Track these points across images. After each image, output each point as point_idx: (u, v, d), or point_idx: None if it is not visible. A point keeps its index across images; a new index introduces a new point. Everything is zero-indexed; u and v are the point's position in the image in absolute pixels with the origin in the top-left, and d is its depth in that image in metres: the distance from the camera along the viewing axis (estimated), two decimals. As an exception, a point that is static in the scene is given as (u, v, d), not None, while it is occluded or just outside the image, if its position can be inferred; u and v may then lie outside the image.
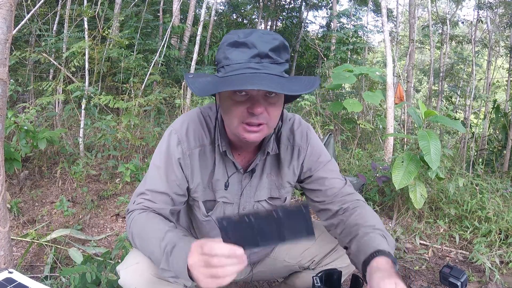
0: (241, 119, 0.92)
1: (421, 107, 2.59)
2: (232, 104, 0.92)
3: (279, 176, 1.15)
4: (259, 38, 0.88)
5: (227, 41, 0.91)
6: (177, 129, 1.06)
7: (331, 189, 1.12)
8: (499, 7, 7.65)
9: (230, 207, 1.14)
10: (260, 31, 0.91)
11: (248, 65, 0.88)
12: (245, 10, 12.27)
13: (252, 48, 0.88)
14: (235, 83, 0.84)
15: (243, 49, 0.88)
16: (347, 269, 1.24)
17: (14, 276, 1.05)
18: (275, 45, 0.89)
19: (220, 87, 0.85)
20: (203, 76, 0.95)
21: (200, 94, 0.88)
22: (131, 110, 3.71)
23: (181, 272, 0.83)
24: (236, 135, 0.98)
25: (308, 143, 1.15)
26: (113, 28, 5.73)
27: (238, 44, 0.89)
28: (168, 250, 0.87)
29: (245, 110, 0.91)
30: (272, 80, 0.85)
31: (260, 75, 0.86)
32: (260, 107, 0.89)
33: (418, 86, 14.95)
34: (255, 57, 0.88)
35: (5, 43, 1.34)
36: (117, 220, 2.49)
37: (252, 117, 0.91)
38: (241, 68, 0.88)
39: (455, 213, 2.54)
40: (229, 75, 0.88)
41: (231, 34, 0.92)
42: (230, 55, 0.89)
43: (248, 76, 0.86)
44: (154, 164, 1.08)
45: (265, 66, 0.88)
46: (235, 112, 0.92)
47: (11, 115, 2.58)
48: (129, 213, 1.04)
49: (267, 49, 0.88)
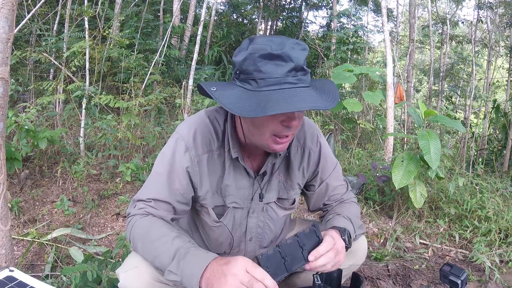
0: (275, 132, 0.92)
1: (421, 107, 2.59)
2: (267, 118, 0.90)
3: (288, 178, 1.15)
4: (293, 50, 0.85)
5: (259, 52, 0.85)
6: (184, 136, 1.03)
7: (335, 195, 1.22)
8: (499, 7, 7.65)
9: (240, 211, 1.13)
10: (290, 40, 0.88)
11: (286, 80, 0.85)
12: (245, 10, 12.27)
13: (289, 61, 0.85)
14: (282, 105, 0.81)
15: (279, 62, 0.85)
16: (349, 270, 1.24)
17: (15, 275, 1.06)
18: (306, 56, 0.88)
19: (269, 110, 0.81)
20: (224, 88, 0.90)
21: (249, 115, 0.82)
22: (131, 110, 3.72)
23: (192, 278, 0.83)
24: (263, 146, 0.97)
25: (319, 147, 1.17)
26: (114, 28, 5.74)
27: (272, 57, 0.85)
28: (180, 254, 0.87)
29: (279, 124, 0.90)
30: (312, 96, 0.85)
31: (300, 91, 0.85)
32: (296, 121, 0.90)
33: (418, 86, 14.95)
34: (291, 71, 0.85)
35: (7, 42, 1.35)
36: (118, 220, 2.50)
37: (287, 130, 0.91)
38: (278, 83, 0.85)
39: (455, 212, 2.54)
40: (266, 90, 0.85)
41: (260, 44, 0.87)
42: (264, 68, 0.85)
43: (290, 93, 0.84)
44: (157, 171, 1.04)
45: (301, 79, 0.87)
46: (270, 126, 0.91)
47: (12, 115, 2.58)
48: (130, 217, 1.02)
49: (302, 62, 0.86)
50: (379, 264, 2.08)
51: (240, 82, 0.90)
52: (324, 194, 1.22)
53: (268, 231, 1.20)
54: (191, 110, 4.24)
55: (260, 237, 1.20)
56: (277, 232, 1.25)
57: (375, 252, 2.18)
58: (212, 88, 0.89)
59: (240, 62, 0.88)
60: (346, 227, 1.06)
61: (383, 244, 2.35)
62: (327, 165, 1.19)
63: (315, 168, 1.18)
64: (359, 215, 1.19)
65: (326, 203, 1.23)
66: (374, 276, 1.93)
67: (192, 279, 0.82)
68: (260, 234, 1.19)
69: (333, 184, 1.21)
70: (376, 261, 2.12)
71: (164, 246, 0.90)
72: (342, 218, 1.10)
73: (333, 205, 1.22)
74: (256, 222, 1.16)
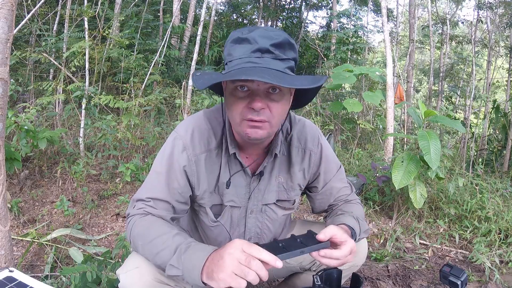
0: (242, 115, 0.91)
1: (421, 107, 2.59)
2: (234, 100, 0.91)
3: (288, 179, 1.15)
4: (261, 34, 0.88)
5: (231, 38, 0.91)
6: (182, 135, 1.04)
7: (340, 196, 1.22)
8: (499, 7, 7.65)
9: (237, 211, 1.13)
10: (265, 27, 0.91)
11: (249, 60, 0.87)
12: (245, 10, 12.28)
13: (254, 43, 0.87)
14: (230, 75, 0.83)
15: (245, 45, 0.88)
16: (349, 271, 1.24)
17: (15, 275, 1.06)
18: (278, 41, 0.88)
19: (215, 80, 0.86)
20: (209, 74, 0.95)
21: (198, 87, 0.87)
22: (131, 110, 3.72)
23: (193, 271, 0.82)
24: (240, 133, 0.97)
25: (320, 148, 1.16)
26: (113, 28, 5.74)
27: (240, 40, 0.89)
28: (181, 249, 0.87)
29: (246, 106, 0.90)
30: (271, 74, 0.83)
31: (259, 69, 0.85)
32: (259, 102, 0.88)
33: (418, 86, 14.95)
34: (255, 51, 0.87)
35: (6, 43, 1.34)
36: (117, 220, 2.50)
37: (253, 113, 0.89)
38: (241, 63, 0.88)
39: (455, 212, 2.54)
40: (231, 70, 0.88)
41: (235, 32, 0.92)
42: (233, 51, 0.90)
43: (247, 69, 0.85)
44: (155, 170, 1.05)
45: (267, 61, 0.87)
46: (237, 107, 0.91)
47: (12, 115, 2.58)
48: (130, 217, 1.02)
49: (267, 44, 0.87)
50: (379, 264, 2.08)
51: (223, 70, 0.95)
52: (330, 196, 1.21)
53: (267, 232, 1.20)
54: (191, 110, 4.24)
55: (258, 237, 1.20)
56: (277, 232, 1.25)
57: (375, 253, 2.18)
58: (197, 73, 0.93)
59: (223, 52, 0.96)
60: (354, 228, 1.05)
61: (383, 244, 2.35)
62: (330, 167, 1.19)
63: (316, 169, 1.17)
64: (364, 217, 1.19)
65: (332, 203, 1.23)
66: (374, 276, 1.92)
67: (194, 272, 0.82)
68: (259, 234, 1.19)
69: (338, 186, 1.21)
70: (376, 262, 2.12)
71: (165, 243, 0.90)
72: (351, 218, 1.09)
73: (338, 204, 1.22)
74: (254, 222, 1.16)
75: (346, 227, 1.02)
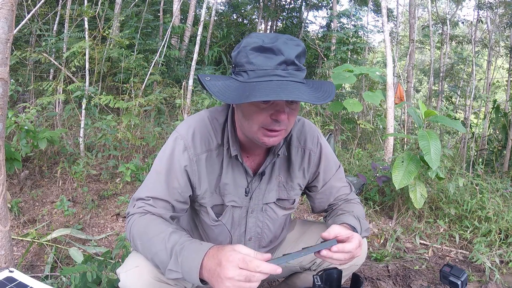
0: (263, 125, 0.92)
1: (421, 107, 2.59)
2: (256, 110, 0.91)
3: (288, 178, 1.15)
4: (285, 45, 0.86)
5: (251, 45, 0.88)
6: (183, 135, 1.04)
7: (340, 196, 1.22)
8: (499, 7, 7.65)
9: (238, 211, 1.13)
10: (284, 36, 0.90)
11: (275, 72, 0.86)
12: (245, 10, 12.27)
13: (279, 54, 0.86)
14: (267, 93, 0.82)
15: (269, 55, 0.86)
16: (348, 270, 1.24)
17: (15, 275, 1.06)
18: (299, 51, 0.88)
19: (252, 97, 0.81)
20: (218, 79, 0.92)
21: (230, 101, 0.85)
22: (131, 110, 3.72)
23: (191, 274, 0.83)
24: (254, 140, 0.98)
25: (319, 148, 1.17)
26: (114, 28, 5.73)
27: (263, 49, 0.86)
28: (177, 251, 0.87)
29: (268, 117, 0.91)
30: (300, 90, 0.84)
31: (288, 84, 0.85)
32: (284, 115, 0.90)
33: (418, 86, 14.95)
34: (281, 64, 0.86)
35: (6, 43, 1.34)
36: (118, 220, 2.50)
37: (275, 124, 0.92)
38: (267, 75, 0.86)
39: (455, 213, 2.54)
40: (254, 81, 0.86)
41: (253, 38, 0.89)
42: (255, 60, 0.87)
43: (278, 84, 0.84)
44: (155, 170, 1.05)
45: (291, 73, 0.87)
46: (258, 118, 0.92)
47: (12, 115, 2.58)
48: (129, 216, 1.03)
49: (293, 56, 0.86)
50: (379, 264, 2.08)
51: (234, 75, 0.92)
52: (329, 196, 1.22)
53: (267, 231, 1.20)
54: (191, 110, 4.24)
55: (259, 237, 1.20)
56: (277, 232, 1.25)
57: (375, 253, 2.18)
58: (206, 78, 0.92)
59: (235, 56, 0.92)
60: (356, 227, 1.06)
61: (383, 244, 2.35)
62: (329, 166, 1.19)
63: (316, 169, 1.18)
64: (364, 217, 1.19)
65: (332, 203, 1.24)
66: (374, 276, 1.92)
67: (192, 274, 0.83)
68: (259, 234, 1.20)
69: (337, 185, 1.21)
70: (376, 262, 2.11)
71: (162, 243, 0.90)
72: (352, 217, 1.09)
73: (338, 203, 1.23)
74: (255, 222, 1.17)
75: (348, 226, 1.03)
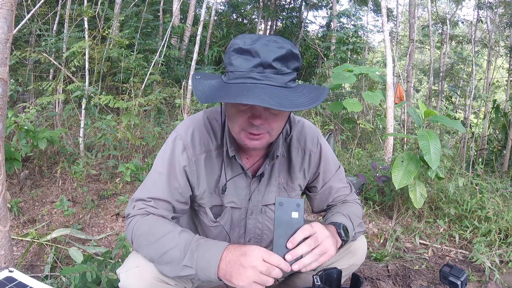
0: (242, 127, 0.93)
1: (421, 107, 2.59)
2: (235, 112, 0.92)
3: (289, 179, 1.15)
4: (264, 47, 0.84)
5: (233, 46, 0.88)
6: (182, 135, 1.04)
7: (339, 196, 1.22)
8: (499, 7, 7.65)
9: (237, 212, 1.13)
10: (267, 37, 0.87)
11: (250, 75, 0.85)
12: (245, 10, 12.27)
13: (256, 57, 0.84)
14: (232, 95, 0.82)
15: (246, 57, 0.85)
16: (348, 270, 1.24)
17: (15, 275, 1.06)
18: (281, 54, 0.85)
19: (218, 97, 0.84)
20: (209, 78, 0.93)
21: (202, 101, 0.84)
22: (131, 110, 3.72)
23: (209, 268, 0.86)
24: (239, 141, 0.99)
25: (319, 148, 1.16)
26: (113, 28, 5.73)
27: (242, 51, 0.86)
28: (192, 247, 0.89)
29: (246, 119, 0.91)
30: (271, 94, 0.81)
31: (258, 88, 0.82)
32: (259, 119, 0.90)
33: (418, 86, 14.95)
34: (257, 66, 0.84)
35: (6, 43, 1.34)
36: (117, 220, 2.49)
37: (253, 127, 0.91)
38: (242, 77, 0.85)
39: (455, 212, 2.54)
40: (230, 83, 0.87)
41: (238, 39, 0.89)
42: (234, 62, 0.87)
43: (246, 87, 0.83)
44: (156, 170, 1.05)
45: (268, 77, 0.84)
46: (237, 120, 0.93)
47: (12, 115, 2.58)
48: (130, 217, 1.02)
49: (270, 59, 0.84)
50: (379, 264, 2.08)
51: (224, 74, 0.93)
52: (328, 196, 1.22)
53: (267, 232, 1.20)
54: (190, 110, 4.24)
55: (259, 238, 1.20)
56: None
57: (375, 253, 2.18)
58: (197, 76, 0.92)
59: (224, 56, 0.93)
60: (343, 222, 1.06)
61: (383, 244, 2.35)
62: (329, 167, 1.19)
63: (316, 169, 1.18)
64: (360, 215, 1.18)
65: (330, 204, 1.24)
66: (374, 276, 1.92)
67: (210, 270, 0.86)
68: (259, 235, 1.19)
69: (337, 186, 1.21)
70: (376, 262, 2.11)
71: (172, 241, 0.91)
72: (341, 215, 1.10)
73: (337, 204, 1.23)
74: (254, 223, 1.17)
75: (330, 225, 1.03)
